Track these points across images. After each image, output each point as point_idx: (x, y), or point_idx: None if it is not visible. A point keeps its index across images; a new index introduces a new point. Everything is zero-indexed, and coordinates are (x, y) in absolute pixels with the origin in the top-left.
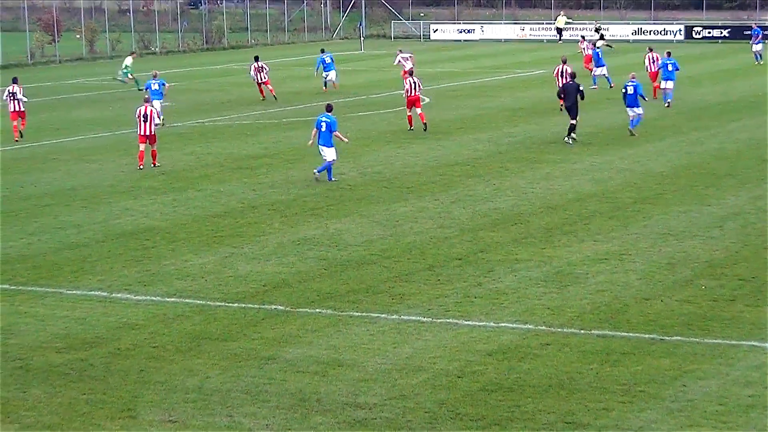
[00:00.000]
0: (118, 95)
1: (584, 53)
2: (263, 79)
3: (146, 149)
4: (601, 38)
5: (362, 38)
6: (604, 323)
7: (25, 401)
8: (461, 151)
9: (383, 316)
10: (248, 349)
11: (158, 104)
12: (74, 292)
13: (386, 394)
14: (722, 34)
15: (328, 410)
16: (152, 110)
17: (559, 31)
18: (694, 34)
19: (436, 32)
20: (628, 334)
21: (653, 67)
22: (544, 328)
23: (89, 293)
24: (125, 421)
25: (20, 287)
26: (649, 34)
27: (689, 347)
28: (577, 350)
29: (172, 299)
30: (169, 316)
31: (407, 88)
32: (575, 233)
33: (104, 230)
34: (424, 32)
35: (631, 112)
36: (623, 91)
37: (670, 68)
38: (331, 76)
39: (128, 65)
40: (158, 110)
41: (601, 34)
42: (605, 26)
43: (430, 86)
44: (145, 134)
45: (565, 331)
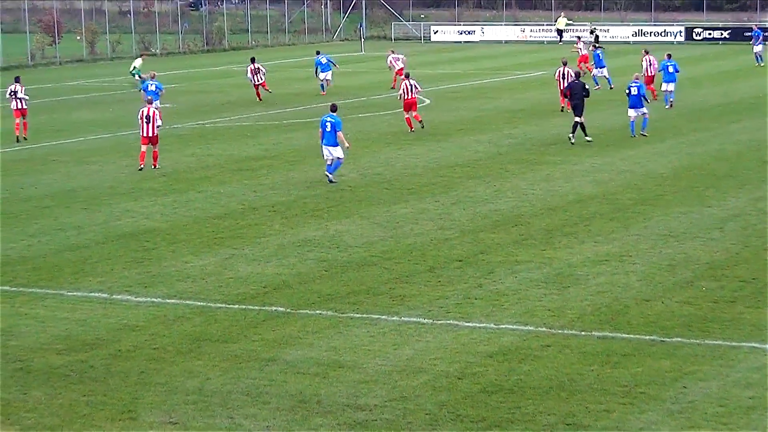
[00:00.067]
0: (118, 97)
1: (580, 53)
2: (259, 80)
3: (147, 150)
4: (596, 40)
5: (363, 39)
6: (604, 325)
7: (25, 403)
8: (461, 152)
9: (384, 317)
10: (249, 350)
11: (157, 104)
12: (75, 293)
13: (387, 395)
14: (723, 35)
15: (328, 412)
16: (154, 111)
17: (559, 32)
18: (694, 35)
19: (436, 33)
20: (628, 335)
21: (651, 70)
22: (544, 329)
23: (90, 295)
24: (126, 422)
25: (21, 289)
26: (649, 35)
27: (690, 349)
28: (577, 352)
29: (172, 301)
30: (169, 317)
31: (401, 92)
32: (576, 235)
33: (104, 232)
34: (424, 33)
35: (633, 113)
36: (626, 92)
37: (670, 70)
38: (327, 76)
39: (137, 66)
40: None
41: (596, 35)
42: (606, 27)
43: (430, 88)
44: (147, 135)
45: (565, 332)
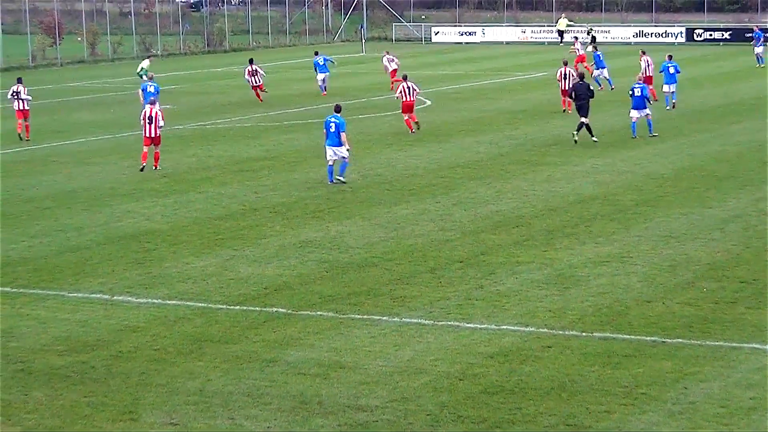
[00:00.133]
0: (118, 98)
1: (577, 53)
2: (257, 82)
3: (149, 151)
4: (593, 40)
5: (363, 41)
6: (605, 325)
7: (26, 404)
8: (462, 153)
9: (384, 318)
10: (249, 351)
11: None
12: (75, 294)
13: (387, 396)
14: (723, 36)
15: (329, 413)
16: (157, 112)
17: (560, 33)
18: (695, 36)
19: (437, 35)
20: (629, 336)
21: (649, 70)
22: (545, 330)
23: (90, 296)
24: (126, 423)
25: (21, 290)
26: (650, 36)
27: (690, 350)
28: (578, 353)
29: (173, 302)
30: (170, 318)
31: (398, 94)
32: (577, 235)
33: (105, 233)
34: (425, 35)
35: (636, 114)
36: (630, 92)
37: (671, 71)
38: (323, 77)
39: (144, 67)
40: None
41: (592, 36)
42: (607, 29)
43: (431, 89)
44: (149, 136)
45: (566, 333)
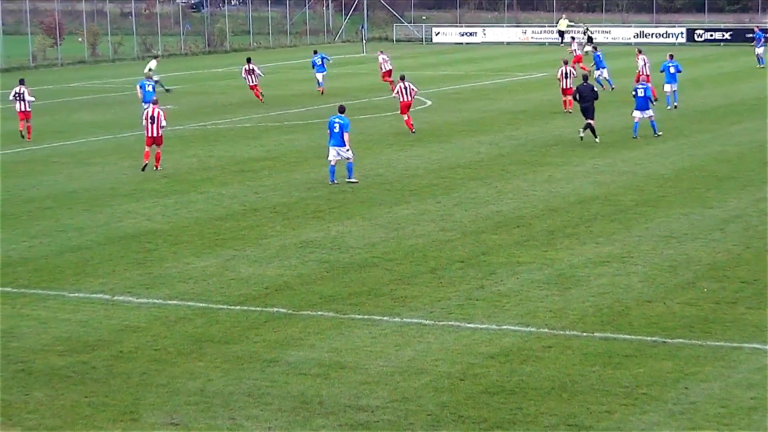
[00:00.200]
0: (119, 98)
1: (574, 54)
2: (252, 82)
3: (151, 150)
4: (589, 40)
5: (364, 41)
6: (606, 326)
7: (27, 404)
8: (463, 153)
9: (385, 318)
10: (250, 351)
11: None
12: (76, 295)
13: (388, 396)
14: (724, 36)
15: (330, 413)
16: (159, 112)
17: (560, 34)
18: (696, 36)
19: (438, 35)
20: (630, 336)
21: (646, 69)
22: (546, 330)
23: (91, 296)
24: (127, 423)
25: (22, 290)
26: (651, 36)
27: (691, 350)
28: (579, 353)
29: (174, 302)
30: (171, 318)
31: (395, 94)
32: (577, 236)
33: (106, 233)
34: (425, 35)
35: (639, 114)
36: (633, 93)
37: (672, 71)
38: (320, 77)
39: (152, 68)
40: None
41: (589, 36)
42: (607, 29)
43: (431, 89)
44: (151, 136)
45: (567, 333)
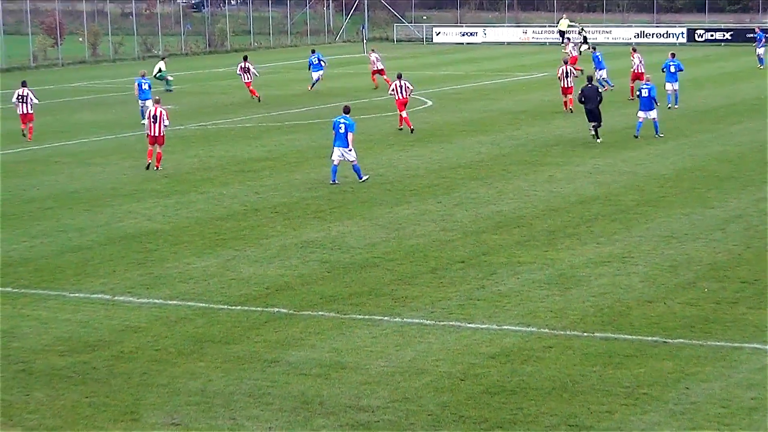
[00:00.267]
0: (120, 98)
1: (570, 55)
2: (247, 79)
3: (154, 149)
4: (584, 40)
5: (365, 41)
6: (606, 326)
7: (27, 404)
8: (464, 154)
9: (386, 318)
10: (251, 351)
11: (150, 103)
12: (77, 295)
13: (389, 396)
14: (725, 36)
15: (330, 413)
16: (161, 111)
17: (561, 34)
18: (696, 36)
19: (438, 35)
20: (630, 336)
21: (641, 67)
22: (546, 330)
23: (92, 296)
24: (128, 423)
25: (23, 290)
26: (651, 36)
27: (692, 350)
28: (579, 353)
29: (174, 302)
30: (171, 318)
31: (390, 92)
32: (578, 236)
33: (107, 233)
34: (426, 35)
35: (643, 114)
36: (637, 93)
37: (672, 70)
38: (317, 76)
39: (162, 69)
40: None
41: (584, 36)
42: (608, 29)
43: (432, 89)
44: (153, 135)
45: (567, 333)
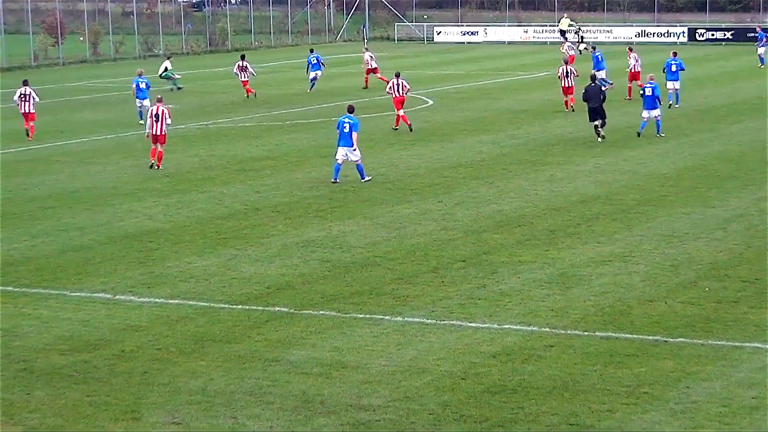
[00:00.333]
0: (121, 98)
1: (567, 54)
2: (244, 78)
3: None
4: (581, 40)
5: (366, 41)
6: (607, 325)
7: (28, 403)
8: (465, 153)
9: (387, 317)
10: (252, 350)
11: (147, 103)
12: (78, 294)
13: (390, 395)
14: (726, 36)
15: (331, 412)
16: (164, 110)
17: (562, 33)
18: (697, 36)
19: (439, 34)
20: (631, 335)
21: (637, 66)
22: (547, 329)
23: (93, 295)
24: (129, 422)
25: (23, 289)
26: (652, 36)
27: (693, 349)
28: (580, 352)
29: (175, 301)
30: (172, 318)
31: (388, 90)
32: (579, 235)
33: (107, 232)
34: (427, 34)
35: (647, 114)
36: (641, 92)
37: (674, 69)
38: (315, 76)
39: (168, 68)
40: (148, 107)
41: (581, 36)
42: (609, 28)
43: (433, 88)
44: (155, 134)
45: (568, 332)
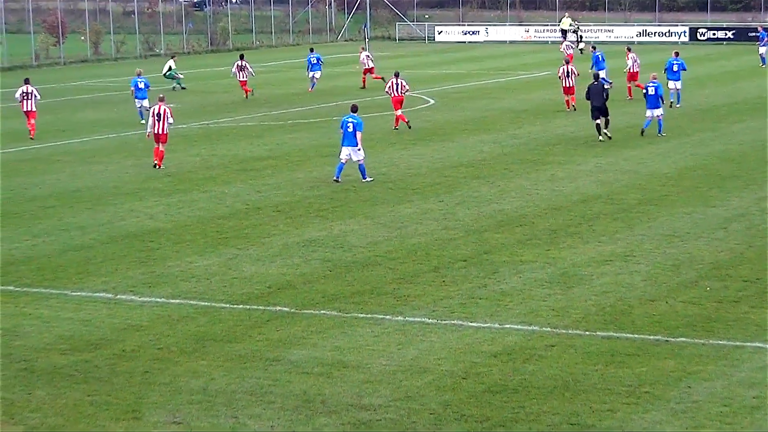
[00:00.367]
0: (122, 97)
1: (565, 53)
2: (243, 77)
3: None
4: (580, 39)
5: (367, 40)
6: (608, 324)
7: (29, 403)
8: (466, 152)
9: (388, 317)
10: (253, 350)
11: (146, 103)
12: (79, 293)
13: (391, 395)
14: (727, 35)
15: (332, 411)
16: (166, 109)
17: (563, 32)
18: (698, 35)
19: (440, 34)
20: (632, 335)
21: (635, 67)
22: (548, 329)
23: (94, 295)
24: (130, 422)
25: (25, 289)
26: (653, 35)
27: (694, 348)
28: (581, 351)
29: (176, 301)
30: (173, 317)
31: (387, 89)
32: (580, 235)
33: (109, 232)
34: (428, 34)
35: (650, 113)
36: (644, 91)
37: (675, 68)
38: (315, 75)
39: (172, 67)
40: (147, 107)
41: (579, 35)
42: (610, 28)
43: (434, 88)
44: (157, 133)
45: (569, 332)
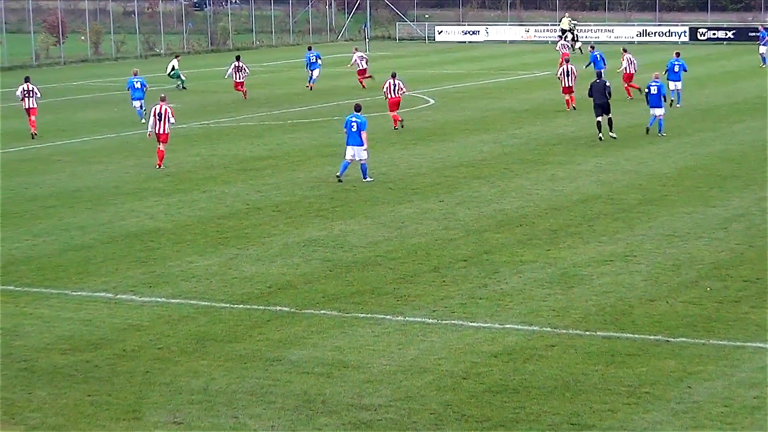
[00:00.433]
0: (122, 97)
1: (560, 52)
2: (239, 79)
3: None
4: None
5: (367, 40)
6: (609, 325)
7: (30, 402)
8: (466, 152)
9: (388, 317)
10: (253, 350)
11: (138, 103)
12: (79, 293)
13: (391, 395)
14: (727, 35)
15: (333, 411)
16: (167, 109)
17: (563, 32)
18: (698, 35)
19: (440, 34)
20: (633, 335)
21: (631, 68)
22: (549, 329)
23: (94, 295)
24: (130, 422)
25: (25, 289)
26: (653, 35)
27: (694, 349)
28: (582, 352)
29: (177, 300)
30: (174, 317)
31: (384, 90)
32: (580, 235)
33: (109, 232)
34: (428, 34)
35: (652, 112)
36: (646, 91)
37: (676, 69)
38: (314, 74)
39: (176, 67)
40: (144, 107)
41: (575, 34)
42: (610, 27)
43: (434, 88)
44: (157, 132)
45: (570, 332)
